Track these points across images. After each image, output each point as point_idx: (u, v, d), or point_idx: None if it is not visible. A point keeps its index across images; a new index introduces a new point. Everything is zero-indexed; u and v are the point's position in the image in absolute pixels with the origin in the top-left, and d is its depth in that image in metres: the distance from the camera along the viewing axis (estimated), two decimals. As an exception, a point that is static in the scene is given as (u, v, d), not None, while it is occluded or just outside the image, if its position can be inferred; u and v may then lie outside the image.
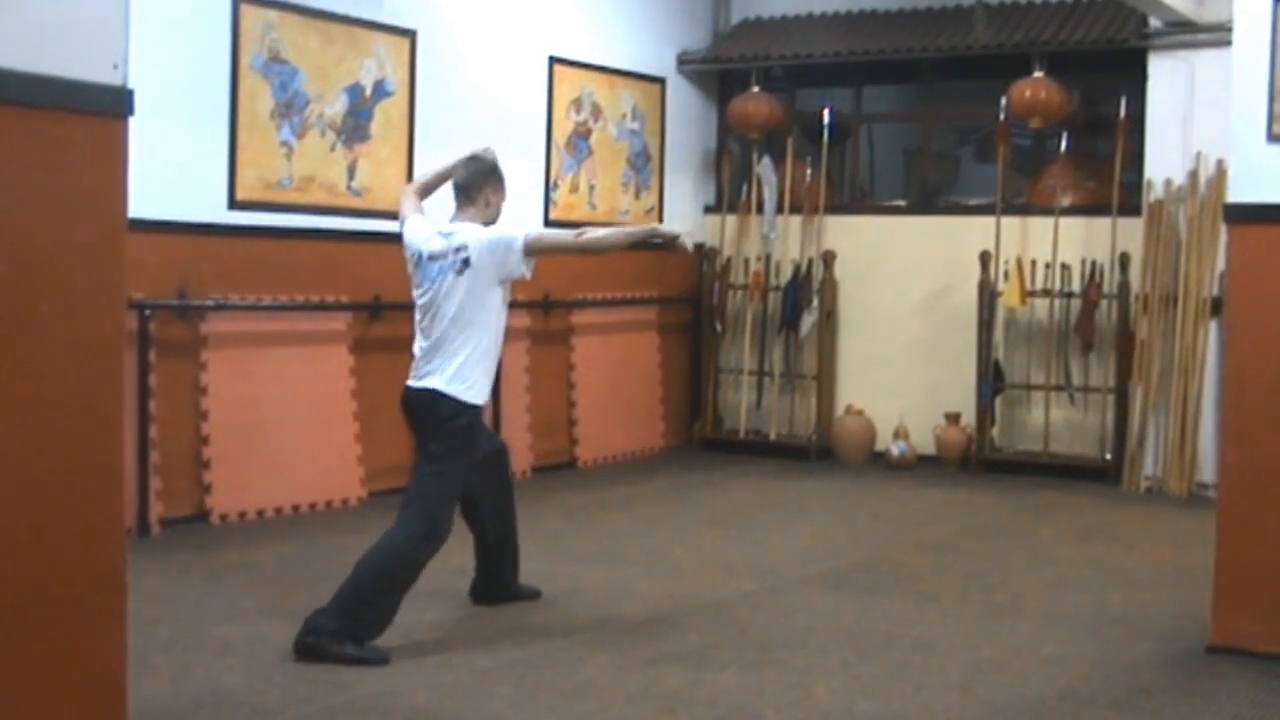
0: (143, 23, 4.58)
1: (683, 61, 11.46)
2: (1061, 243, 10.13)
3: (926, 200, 11.18)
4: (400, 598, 5.57)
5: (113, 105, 3.38)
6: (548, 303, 10.08)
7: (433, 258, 5.71)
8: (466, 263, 5.63)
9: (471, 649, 5.56)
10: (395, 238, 8.91)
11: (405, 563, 5.57)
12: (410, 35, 9.07)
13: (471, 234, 5.72)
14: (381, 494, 8.77)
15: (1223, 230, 8.25)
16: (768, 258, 11.14)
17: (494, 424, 9.47)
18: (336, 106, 8.66)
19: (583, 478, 9.96)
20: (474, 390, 5.69)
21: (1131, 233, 9.87)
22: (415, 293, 5.77)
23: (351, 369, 8.70)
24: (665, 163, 11.33)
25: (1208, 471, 9.31)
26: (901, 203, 11.41)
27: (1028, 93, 10.10)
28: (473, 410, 5.71)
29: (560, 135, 10.32)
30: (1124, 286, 9.89)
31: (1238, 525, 5.62)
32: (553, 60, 10.22)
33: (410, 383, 5.72)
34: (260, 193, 8.26)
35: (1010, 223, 10.41)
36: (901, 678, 5.30)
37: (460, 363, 5.64)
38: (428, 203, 6.24)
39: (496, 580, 6.25)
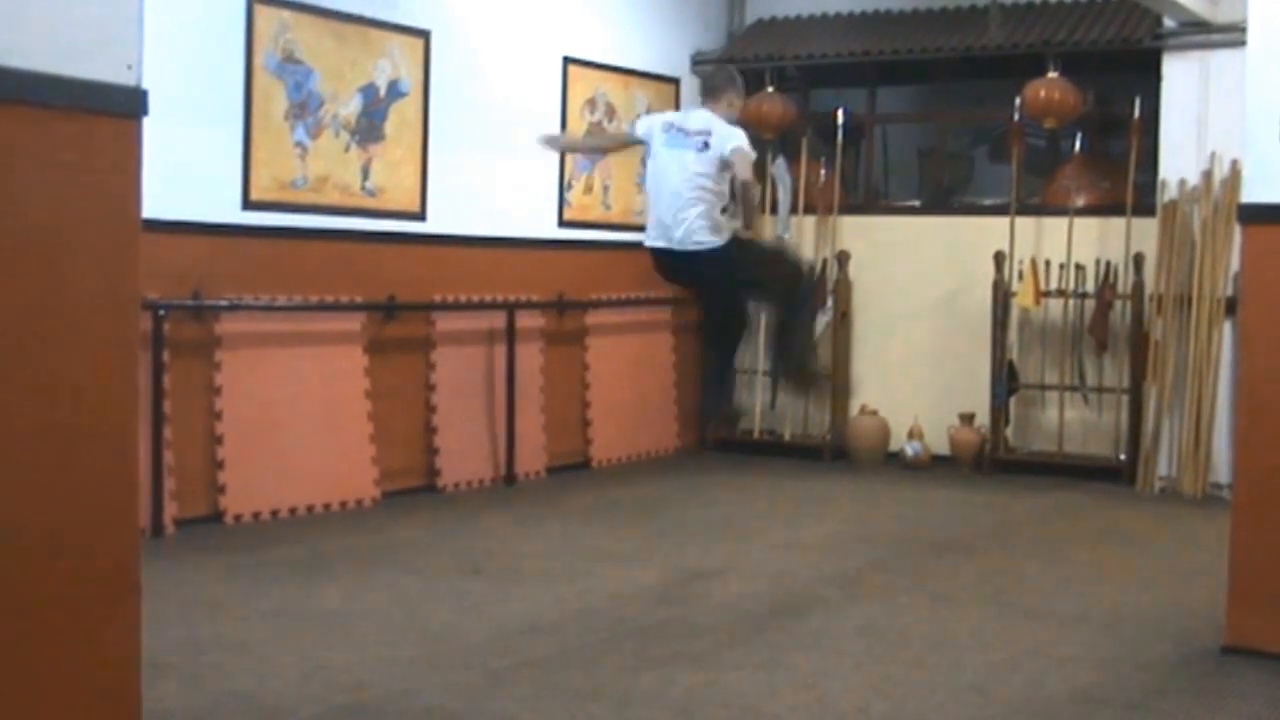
0: (157, 23, 4.59)
1: (697, 62, 11.45)
2: (1076, 243, 10.11)
3: (941, 200, 11.17)
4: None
5: (126, 106, 3.39)
6: (562, 303, 10.09)
7: (674, 130, 6.99)
8: (707, 145, 6.84)
9: (484, 649, 5.56)
10: (409, 237, 9.08)
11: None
12: (424, 35, 9.09)
13: (719, 128, 6.92)
14: (395, 494, 8.79)
15: (1237, 230, 8.24)
16: (781, 258, 11.13)
17: (507, 424, 9.50)
18: (350, 107, 8.67)
19: (597, 478, 9.96)
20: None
21: (1146, 233, 9.85)
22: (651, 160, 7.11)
23: (366, 369, 8.71)
24: (679, 163, 11.31)
25: (1222, 472, 9.29)
26: (916, 203, 11.40)
27: (1042, 93, 10.07)
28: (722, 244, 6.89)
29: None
30: (1138, 287, 9.87)
31: (1252, 525, 5.61)
32: (567, 60, 10.23)
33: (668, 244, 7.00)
34: (274, 193, 8.28)
35: (1024, 223, 10.40)
36: (916, 678, 5.29)
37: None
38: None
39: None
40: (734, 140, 6.84)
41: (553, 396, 10.05)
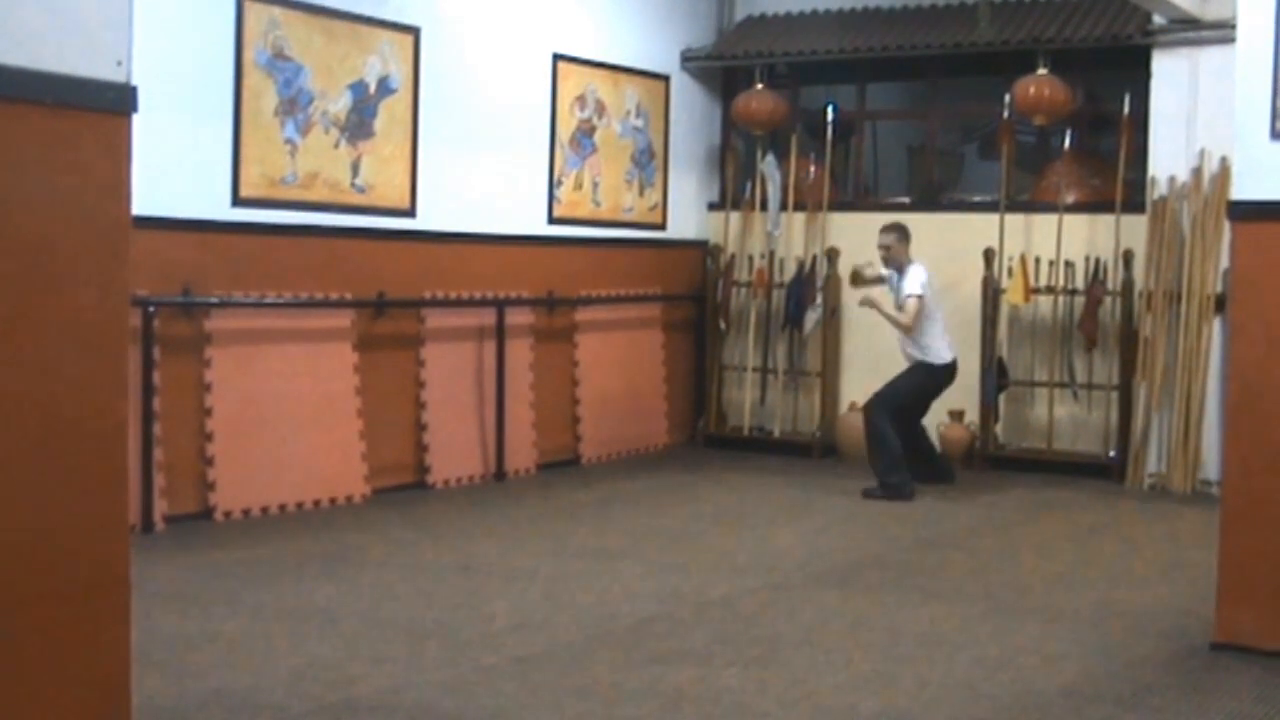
0: (147, 19, 4.58)
1: (687, 58, 11.46)
2: (1065, 240, 10.12)
3: (930, 197, 11.17)
4: (886, 460, 9.17)
5: (116, 102, 3.38)
6: (551, 300, 10.09)
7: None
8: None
9: (475, 646, 5.56)
10: (399, 234, 9.07)
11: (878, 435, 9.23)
12: (414, 32, 9.08)
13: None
14: (385, 491, 8.79)
15: (1226, 227, 8.25)
16: (771, 255, 11.14)
17: (497, 421, 9.50)
18: (340, 103, 8.66)
19: (587, 475, 9.96)
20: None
21: (1135, 230, 9.86)
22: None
23: (355, 366, 8.70)
24: (669, 160, 11.33)
25: (1211, 468, 9.31)
26: (905, 199, 11.40)
27: (1032, 90, 10.09)
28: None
29: (564, 132, 10.32)
30: (1128, 283, 9.88)
31: (1241, 522, 5.62)
32: (557, 57, 10.22)
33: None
34: (264, 190, 8.26)
35: (1014, 220, 10.41)
36: (906, 675, 5.30)
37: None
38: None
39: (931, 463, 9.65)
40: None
41: (543, 393, 10.04)
